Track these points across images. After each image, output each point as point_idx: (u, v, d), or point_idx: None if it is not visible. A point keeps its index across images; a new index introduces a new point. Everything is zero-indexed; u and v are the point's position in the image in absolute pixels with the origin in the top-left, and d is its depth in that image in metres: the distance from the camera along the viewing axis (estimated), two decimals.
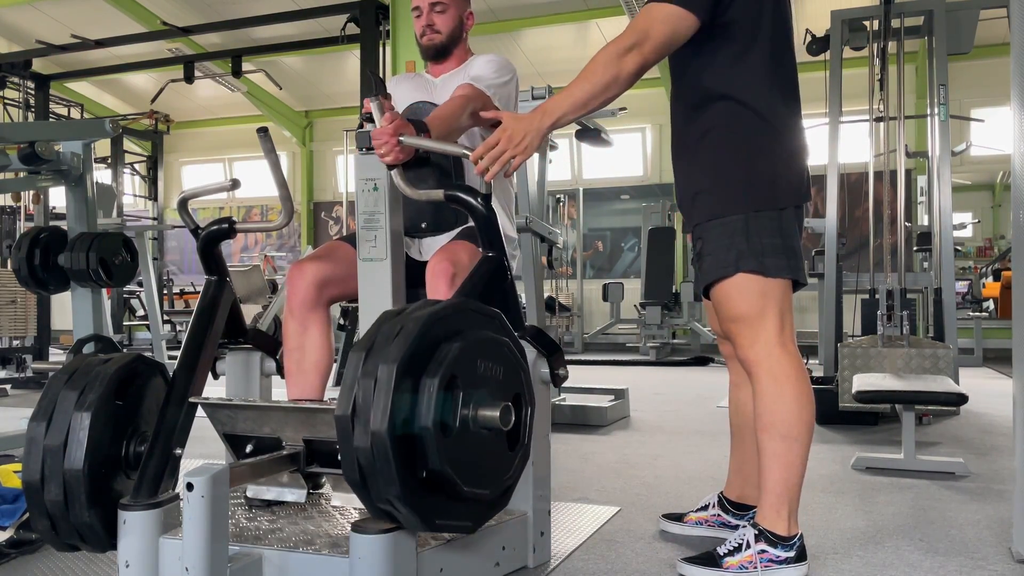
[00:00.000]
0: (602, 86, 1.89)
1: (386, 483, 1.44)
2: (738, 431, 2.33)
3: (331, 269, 2.35)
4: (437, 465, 1.47)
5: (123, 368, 1.79)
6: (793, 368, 1.98)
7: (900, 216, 5.01)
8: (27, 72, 8.55)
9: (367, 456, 1.43)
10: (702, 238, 2.04)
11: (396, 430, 1.43)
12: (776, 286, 1.98)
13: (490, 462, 1.62)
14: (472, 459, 1.56)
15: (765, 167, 1.98)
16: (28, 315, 6.64)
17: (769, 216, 1.97)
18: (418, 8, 2.47)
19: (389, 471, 1.43)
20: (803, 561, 1.98)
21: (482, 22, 9.84)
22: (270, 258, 12.07)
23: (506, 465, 1.66)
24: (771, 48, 2.00)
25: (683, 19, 1.90)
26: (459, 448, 1.52)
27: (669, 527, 2.39)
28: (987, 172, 10.52)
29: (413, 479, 1.47)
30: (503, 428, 1.58)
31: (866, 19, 5.32)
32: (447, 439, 1.49)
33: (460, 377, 1.52)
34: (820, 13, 6.66)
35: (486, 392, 1.58)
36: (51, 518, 1.68)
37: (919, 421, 4.08)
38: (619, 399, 4.74)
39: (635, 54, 1.88)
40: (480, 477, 1.58)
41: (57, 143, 3.57)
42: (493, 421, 1.56)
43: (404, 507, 1.46)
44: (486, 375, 1.60)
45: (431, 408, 1.46)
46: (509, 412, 1.58)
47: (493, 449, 1.62)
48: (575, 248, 11.62)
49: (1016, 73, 2.09)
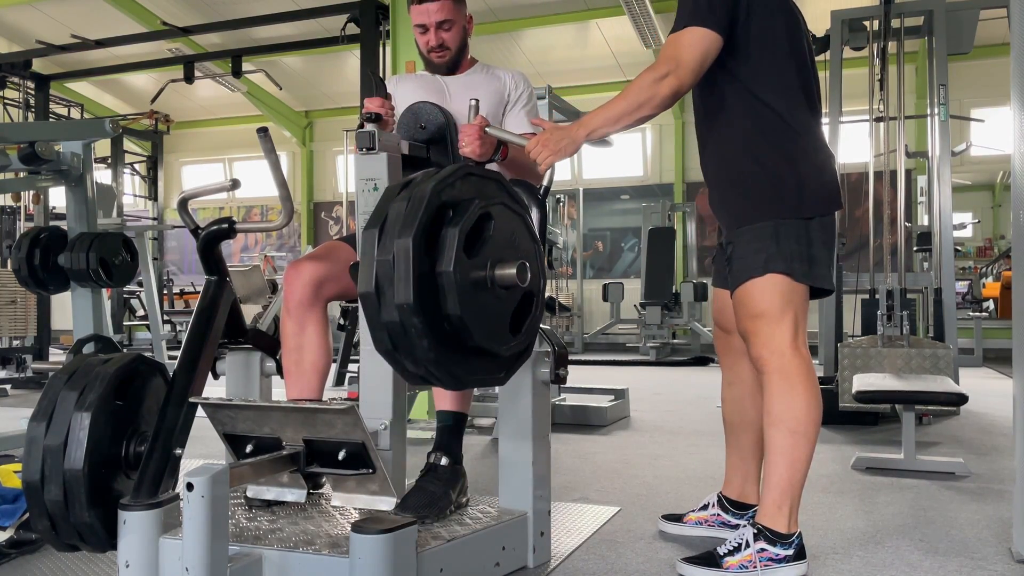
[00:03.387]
0: (636, 105, 2.02)
1: (417, 350, 1.51)
2: (734, 429, 2.35)
3: (328, 268, 2.35)
4: (456, 311, 1.53)
5: (123, 368, 1.79)
6: (804, 369, 2.03)
7: (900, 216, 5.01)
8: (27, 72, 8.53)
9: (396, 328, 1.50)
10: (733, 243, 2.13)
11: (419, 298, 1.48)
12: (798, 291, 2.06)
13: (505, 320, 1.67)
14: (490, 314, 1.61)
15: (791, 178, 2.07)
16: (28, 315, 6.64)
17: (795, 224, 2.06)
18: (423, 26, 2.44)
19: (419, 339, 1.50)
20: (802, 559, 1.98)
21: (482, 22, 9.84)
22: (270, 258, 12.06)
23: (519, 326, 1.70)
24: (794, 62, 2.10)
25: (708, 39, 2.01)
26: (478, 300, 1.58)
27: (669, 527, 2.40)
28: (987, 172, 10.52)
29: (441, 340, 1.53)
30: (520, 285, 1.62)
31: (866, 19, 5.32)
32: (466, 287, 1.55)
33: (476, 232, 1.58)
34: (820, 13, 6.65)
35: (502, 251, 1.63)
36: (51, 518, 1.68)
37: (919, 421, 4.08)
38: (619, 399, 4.74)
39: (671, 79, 2.00)
40: (497, 333, 1.64)
41: (57, 143, 3.56)
42: (511, 278, 1.60)
43: (435, 367, 1.53)
44: (501, 236, 1.65)
45: (451, 260, 1.52)
46: (525, 269, 1.63)
47: (508, 308, 1.67)
48: (575, 248, 11.62)
49: (1016, 73, 2.09)
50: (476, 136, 2.13)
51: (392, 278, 1.49)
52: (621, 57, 10.97)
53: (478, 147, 2.14)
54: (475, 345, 1.58)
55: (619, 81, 11.63)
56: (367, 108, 2.06)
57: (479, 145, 2.14)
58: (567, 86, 10.53)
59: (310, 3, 7.20)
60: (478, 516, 2.02)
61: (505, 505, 2.07)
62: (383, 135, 1.99)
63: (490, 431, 4.08)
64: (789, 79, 2.09)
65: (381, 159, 1.99)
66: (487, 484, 2.86)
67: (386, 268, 1.50)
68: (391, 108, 2.25)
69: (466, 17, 2.52)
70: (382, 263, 1.51)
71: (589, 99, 10.88)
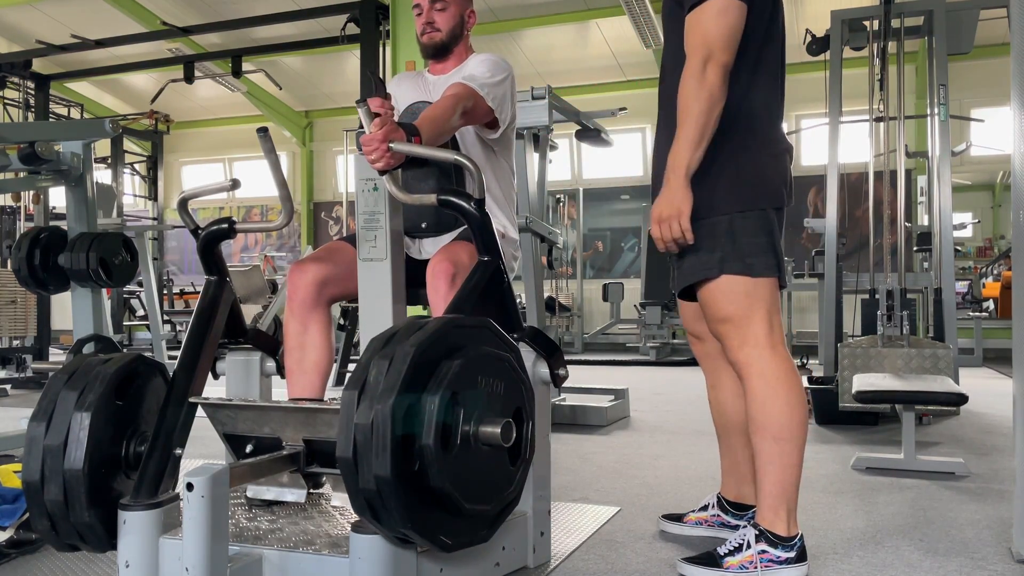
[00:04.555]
0: (705, 113, 1.87)
1: (395, 517, 1.46)
2: (724, 432, 2.34)
3: (331, 269, 2.36)
4: (439, 483, 1.48)
5: (123, 368, 1.79)
6: (783, 369, 1.98)
7: (900, 216, 5.01)
8: (27, 72, 8.54)
9: (374, 496, 1.45)
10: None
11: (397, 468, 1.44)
12: (762, 286, 1.98)
13: (492, 477, 1.62)
14: (473, 476, 1.56)
15: (750, 167, 1.99)
16: (28, 315, 6.64)
17: (754, 216, 1.98)
18: (419, 6, 2.46)
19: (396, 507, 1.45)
20: (803, 561, 1.97)
21: (482, 22, 9.81)
22: (270, 258, 12.06)
23: (508, 480, 1.66)
24: (772, 51, 2.02)
25: (732, 7, 1.88)
26: (460, 465, 1.52)
27: (669, 527, 2.40)
28: (987, 172, 10.52)
29: (419, 504, 1.48)
30: (504, 445, 1.58)
31: (866, 19, 5.31)
32: (448, 457, 1.50)
33: (459, 395, 1.52)
34: (820, 13, 6.66)
35: (486, 408, 1.58)
36: (51, 518, 1.68)
37: (919, 421, 4.08)
38: (619, 399, 4.74)
39: (712, 65, 1.86)
40: (482, 493, 1.59)
41: (57, 143, 3.56)
42: (494, 438, 1.55)
43: (412, 531, 1.47)
44: (485, 391, 1.59)
45: (431, 429, 1.46)
46: (510, 428, 1.58)
47: (494, 464, 1.62)
48: (575, 248, 11.62)
49: (1016, 73, 2.09)
50: (382, 150, 1.93)
51: (371, 445, 1.44)
52: (621, 57, 10.98)
53: (389, 160, 1.95)
54: (461, 511, 1.54)
55: (619, 81, 11.64)
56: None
57: (389, 158, 1.95)
58: (567, 86, 10.54)
59: (310, 3, 7.22)
60: None
61: None
62: None
63: None
64: (765, 70, 2.00)
65: None
66: None
67: (364, 434, 1.45)
68: (391, 108, 2.25)
69: (467, 9, 2.52)
70: (360, 428, 1.46)
71: (589, 99, 10.90)
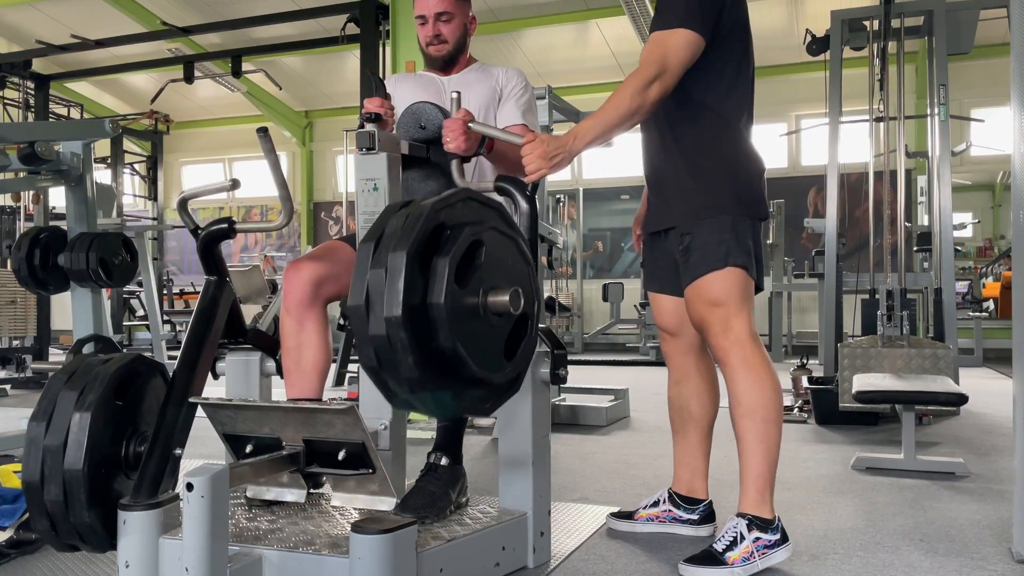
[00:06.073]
0: (628, 114, 2.04)
1: (402, 368, 1.47)
2: (683, 426, 2.42)
3: (328, 268, 2.35)
4: (448, 343, 1.49)
5: (123, 368, 1.79)
6: (764, 359, 2.13)
7: (900, 216, 5.01)
8: (27, 72, 8.53)
9: (383, 343, 1.46)
10: (691, 233, 2.15)
11: (408, 312, 1.45)
12: (750, 284, 2.15)
13: (498, 348, 1.64)
14: (481, 341, 1.58)
15: (745, 179, 2.16)
16: (28, 315, 6.64)
17: (748, 223, 2.15)
18: (423, 17, 2.45)
19: (405, 356, 1.45)
20: (787, 542, 2.07)
21: (482, 22, 9.79)
22: (270, 258, 12.06)
23: (512, 354, 1.68)
24: (748, 68, 2.19)
25: (696, 44, 2.05)
26: (469, 328, 1.54)
27: (619, 525, 2.44)
28: (987, 172, 10.52)
29: (428, 363, 1.48)
30: (513, 312, 1.59)
31: (866, 19, 5.32)
32: (458, 317, 1.51)
33: (471, 259, 1.56)
34: (820, 13, 6.66)
35: (496, 277, 1.61)
36: (51, 518, 1.68)
37: (919, 421, 4.08)
38: (619, 399, 4.74)
39: (658, 84, 2.03)
40: (488, 361, 1.60)
41: (57, 143, 3.56)
42: (503, 305, 1.58)
43: (421, 389, 1.49)
44: (496, 262, 1.62)
45: (443, 287, 1.48)
46: (518, 296, 1.60)
47: (501, 335, 1.64)
48: (575, 248, 11.62)
49: (1016, 73, 2.09)
50: (460, 131, 2.10)
51: (383, 292, 1.46)
52: (621, 57, 10.97)
53: (463, 142, 2.10)
54: (468, 375, 1.55)
55: (619, 81, 11.38)
56: (367, 108, 2.06)
57: (464, 140, 2.10)
58: (567, 86, 10.53)
59: (310, 3, 7.21)
60: (478, 516, 2.03)
61: (505, 505, 2.07)
62: (383, 135, 1.99)
63: (490, 431, 4.08)
64: (743, 85, 2.17)
65: (381, 159, 1.99)
66: (487, 484, 2.86)
67: (378, 280, 1.47)
68: (391, 108, 2.25)
69: (468, 15, 2.52)
70: (375, 275, 1.48)
71: (589, 99, 10.88)
